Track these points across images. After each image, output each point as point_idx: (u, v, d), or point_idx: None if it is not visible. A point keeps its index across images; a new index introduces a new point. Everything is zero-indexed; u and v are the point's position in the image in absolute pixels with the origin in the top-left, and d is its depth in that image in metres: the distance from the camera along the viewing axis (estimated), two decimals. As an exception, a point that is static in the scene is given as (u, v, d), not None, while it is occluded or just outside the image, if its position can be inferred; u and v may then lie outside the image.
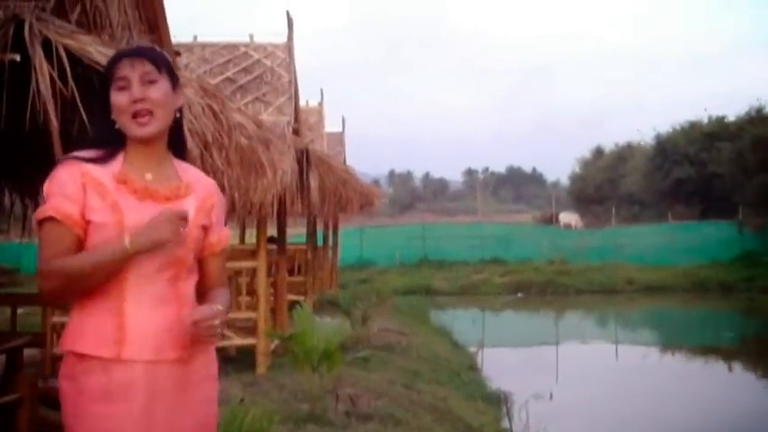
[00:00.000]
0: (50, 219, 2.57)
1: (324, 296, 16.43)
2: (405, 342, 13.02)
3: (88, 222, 2.60)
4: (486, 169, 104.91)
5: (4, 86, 3.61)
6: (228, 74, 14.68)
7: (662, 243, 29.37)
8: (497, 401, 11.17)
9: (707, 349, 18.39)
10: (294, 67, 15.16)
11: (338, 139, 26.76)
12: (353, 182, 12.85)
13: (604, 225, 36.71)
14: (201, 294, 2.81)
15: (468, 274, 28.52)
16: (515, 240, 31.42)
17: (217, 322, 2.58)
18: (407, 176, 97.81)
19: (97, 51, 3.95)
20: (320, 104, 23.49)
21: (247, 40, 15.93)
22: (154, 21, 6.23)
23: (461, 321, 18.54)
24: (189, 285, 2.76)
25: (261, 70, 15.37)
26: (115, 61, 2.73)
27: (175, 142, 2.83)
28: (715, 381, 14.92)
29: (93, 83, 3.95)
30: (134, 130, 2.65)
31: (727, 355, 17.57)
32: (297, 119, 14.94)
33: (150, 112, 2.65)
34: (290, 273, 13.90)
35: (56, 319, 7.87)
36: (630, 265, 28.12)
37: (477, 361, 14.11)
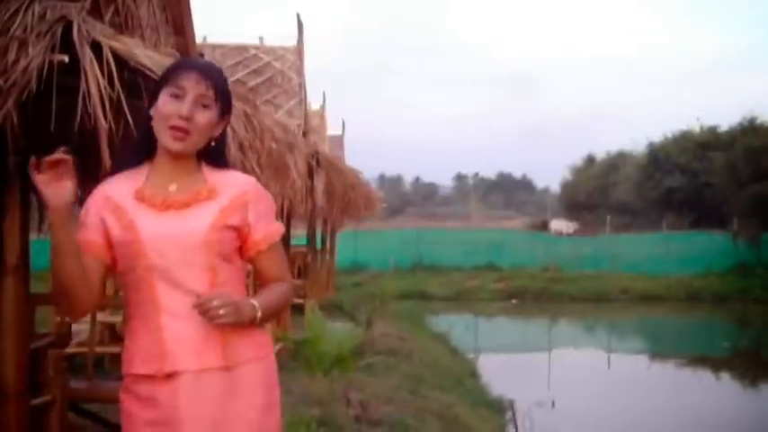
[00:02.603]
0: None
1: (326, 300, 16.39)
2: (406, 347, 13.01)
3: (114, 245, 2.68)
4: (477, 174, 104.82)
5: (53, 88, 3.58)
6: (239, 76, 14.62)
7: (656, 252, 29.42)
8: (500, 409, 11.18)
9: (701, 359, 18.46)
10: (304, 71, 15.19)
11: (338, 142, 26.82)
12: (361, 186, 12.87)
13: (595, 233, 36.75)
14: (256, 293, 2.82)
15: (462, 279, 28.53)
16: (509, 246, 31.41)
17: (215, 303, 2.54)
18: (398, 180, 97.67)
19: (144, 55, 3.93)
20: (322, 108, 23.51)
21: (257, 42, 15.97)
22: (180, 23, 6.21)
23: (457, 327, 18.50)
24: (228, 288, 2.71)
25: (271, 73, 15.34)
26: (180, 68, 2.73)
27: (209, 159, 2.80)
28: (708, 391, 15.00)
29: (138, 86, 3.95)
30: (167, 140, 2.66)
31: (722, 366, 17.64)
32: (305, 122, 14.95)
33: (188, 133, 2.65)
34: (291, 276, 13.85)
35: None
36: (625, 274, 28.17)
37: (476, 367, 14.09)
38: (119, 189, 2.69)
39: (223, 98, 2.73)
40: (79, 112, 3.57)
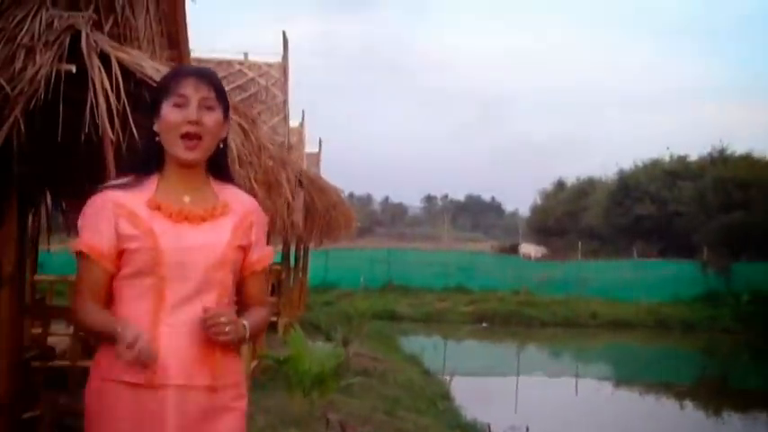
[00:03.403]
0: (81, 253, 2.62)
1: (300, 318, 16.30)
2: (380, 368, 12.98)
3: (123, 252, 2.61)
4: (446, 196, 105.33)
5: (61, 97, 3.54)
6: (223, 91, 14.50)
7: (626, 279, 29.52)
8: (475, 432, 11.16)
9: (667, 387, 18.54)
10: (288, 88, 15.16)
11: (315, 159, 26.81)
12: (342, 205, 12.84)
13: (564, 257, 36.89)
14: (239, 314, 2.77)
15: (432, 301, 28.45)
16: (479, 269, 31.42)
17: (224, 320, 2.55)
18: (367, 199, 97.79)
19: (150, 66, 3.90)
20: (301, 125, 23.46)
21: (242, 57, 15.91)
22: (176, 36, 6.17)
23: (428, 349, 18.50)
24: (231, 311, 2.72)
25: (255, 89, 15.30)
26: (177, 77, 2.71)
27: (216, 167, 2.80)
28: (672, 419, 15.14)
29: (143, 98, 3.91)
30: (180, 151, 2.64)
31: (687, 394, 17.76)
32: (288, 139, 14.91)
33: (200, 138, 2.63)
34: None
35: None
36: (594, 299, 28.19)
37: (449, 390, 14.06)
38: (128, 197, 2.65)
39: (224, 98, 2.74)
40: (87, 124, 3.52)
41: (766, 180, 34.67)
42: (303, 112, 24.43)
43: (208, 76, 2.73)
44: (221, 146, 2.76)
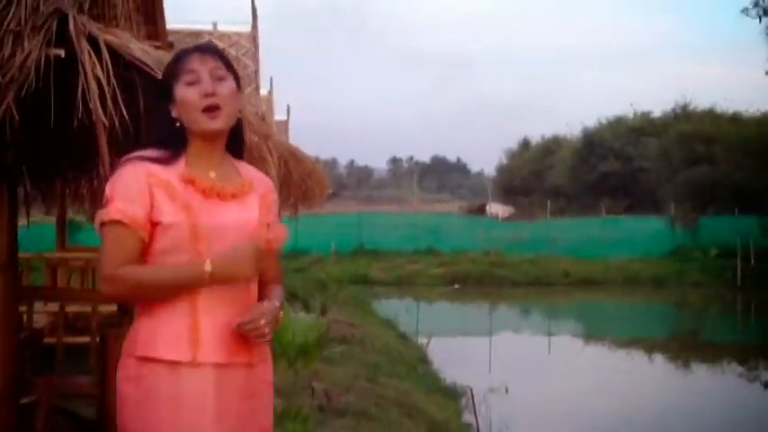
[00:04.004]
0: (116, 222, 2.52)
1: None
2: (359, 334, 13.02)
3: (156, 224, 2.55)
4: (411, 158, 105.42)
5: (51, 84, 3.49)
6: (194, 62, 14.31)
7: (594, 236, 29.77)
8: (455, 395, 11.26)
9: (639, 342, 18.79)
10: (259, 57, 15.02)
11: (284, 127, 26.67)
12: (317, 173, 12.79)
13: (531, 217, 37.09)
14: (258, 289, 2.77)
15: (403, 264, 28.53)
16: (448, 231, 31.51)
17: (263, 322, 2.55)
18: (332, 164, 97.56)
19: (138, 48, 3.86)
20: (270, 93, 23.28)
21: (210, 27, 15.72)
22: (152, 12, 6.12)
23: (402, 312, 18.56)
24: (255, 288, 2.74)
25: (227, 60, 15.01)
26: (182, 56, 2.70)
27: (233, 142, 2.79)
28: (645, 372, 15.47)
29: (133, 80, 3.88)
30: (205, 123, 2.61)
31: (658, 349, 18.08)
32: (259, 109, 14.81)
33: (219, 108, 2.62)
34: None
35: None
36: (564, 258, 28.42)
37: (426, 352, 14.16)
38: (159, 168, 2.60)
39: (232, 68, 2.74)
40: (79, 108, 3.49)
41: (730, 134, 35.01)
42: (271, 79, 24.30)
43: (211, 48, 2.75)
44: (239, 117, 2.75)
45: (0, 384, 4.09)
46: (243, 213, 2.67)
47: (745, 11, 26.75)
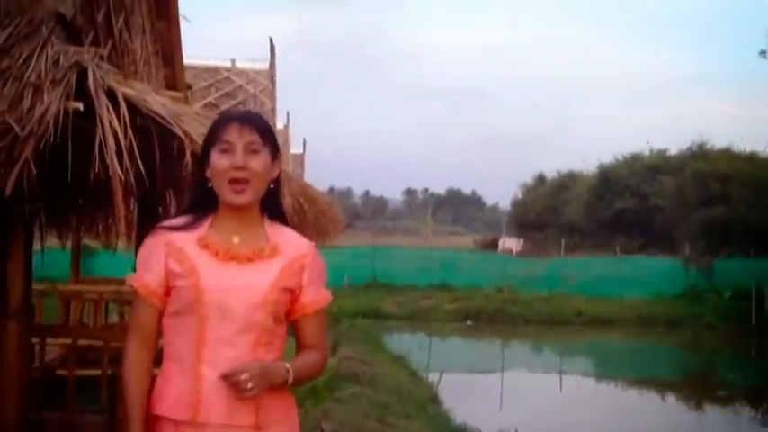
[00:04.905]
0: (135, 289, 2.74)
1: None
2: (370, 372, 13.00)
3: (172, 288, 2.69)
4: (426, 190, 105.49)
5: (69, 136, 3.55)
6: (211, 98, 14.46)
7: (608, 275, 29.60)
8: (465, 437, 11.23)
9: (651, 383, 18.71)
10: (276, 95, 15.09)
11: (299, 161, 26.73)
12: (332, 212, 12.83)
13: (544, 252, 36.94)
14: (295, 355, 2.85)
15: (416, 298, 28.40)
16: (462, 266, 31.38)
17: (243, 377, 2.58)
18: (348, 194, 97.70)
19: (155, 101, 3.91)
20: (286, 127, 23.35)
21: (228, 63, 15.82)
22: (170, 55, 6.18)
23: (414, 348, 18.51)
24: (272, 352, 2.76)
25: (243, 96, 15.17)
26: (222, 124, 2.77)
27: (270, 208, 2.85)
28: (656, 413, 15.38)
29: (150, 132, 3.92)
30: (229, 196, 2.70)
31: (670, 388, 17.98)
32: (276, 146, 14.77)
33: (247, 182, 2.69)
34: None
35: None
36: (578, 296, 28.27)
37: (437, 391, 14.11)
38: (179, 236, 2.73)
39: (270, 139, 2.78)
40: (96, 161, 3.53)
41: (746, 174, 34.78)
42: (288, 114, 24.42)
43: (252, 119, 2.79)
44: (272, 187, 2.81)
45: (12, 424, 4.12)
46: (254, 277, 2.72)
47: (762, 53, 26.77)
